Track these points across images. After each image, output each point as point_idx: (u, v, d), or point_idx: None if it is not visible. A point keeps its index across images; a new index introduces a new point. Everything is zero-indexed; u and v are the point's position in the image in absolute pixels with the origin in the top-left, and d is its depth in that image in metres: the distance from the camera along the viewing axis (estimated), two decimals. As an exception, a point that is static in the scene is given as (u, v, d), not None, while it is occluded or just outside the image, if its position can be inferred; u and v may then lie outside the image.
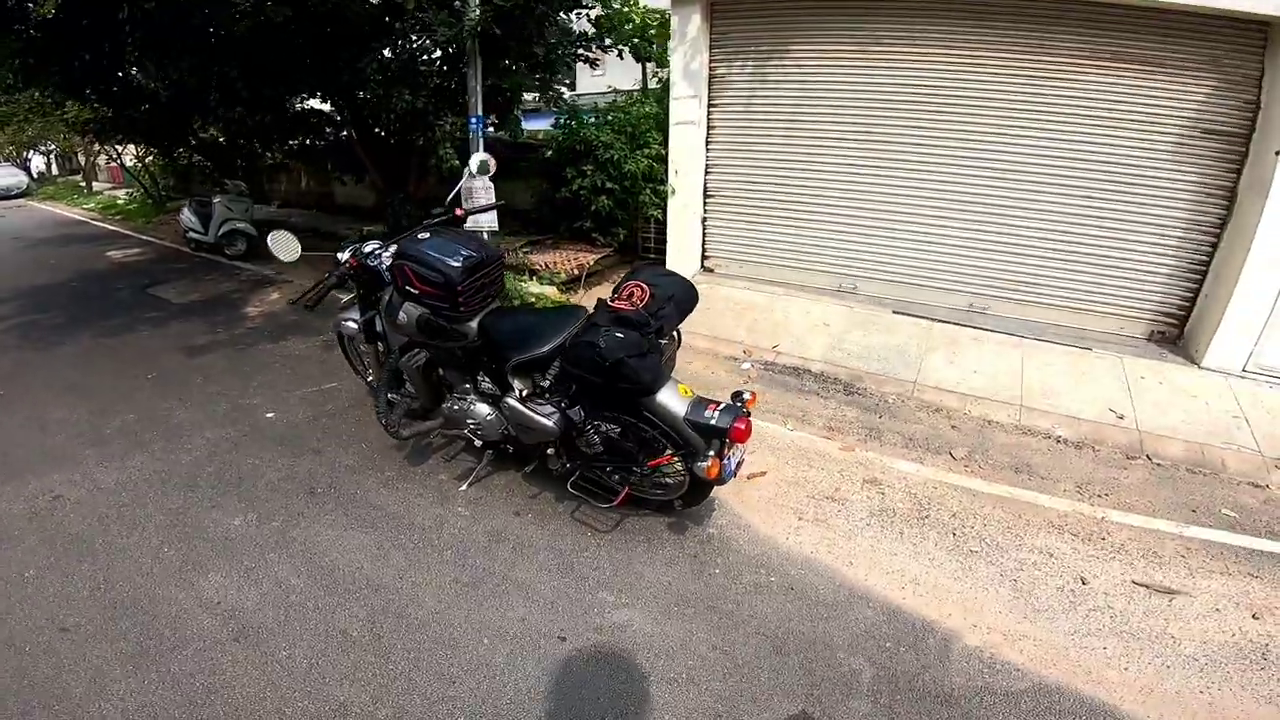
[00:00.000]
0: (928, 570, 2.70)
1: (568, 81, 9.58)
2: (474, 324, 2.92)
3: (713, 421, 2.53)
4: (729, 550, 2.77)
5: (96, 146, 15.41)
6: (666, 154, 5.90)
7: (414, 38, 4.84)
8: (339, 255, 3.21)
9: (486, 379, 3.00)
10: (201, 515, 3.03)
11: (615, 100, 6.93)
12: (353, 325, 3.42)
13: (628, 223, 6.30)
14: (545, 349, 2.74)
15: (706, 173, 5.87)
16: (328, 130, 8.09)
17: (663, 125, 5.92)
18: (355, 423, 3.84)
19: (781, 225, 5.77)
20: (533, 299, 5.58)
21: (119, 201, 15.82)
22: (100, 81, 6.95)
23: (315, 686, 2.15)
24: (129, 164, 15.10)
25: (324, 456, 3.52)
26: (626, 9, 5.95)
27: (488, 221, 5.70)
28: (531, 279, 6.07)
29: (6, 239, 12.58)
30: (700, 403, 2.61)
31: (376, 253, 3.15)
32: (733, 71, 5.58)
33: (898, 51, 5.01)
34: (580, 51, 6.84)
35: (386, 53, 5.53)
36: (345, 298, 4.04)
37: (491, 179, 5.20)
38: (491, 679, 2.17)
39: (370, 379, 3.85)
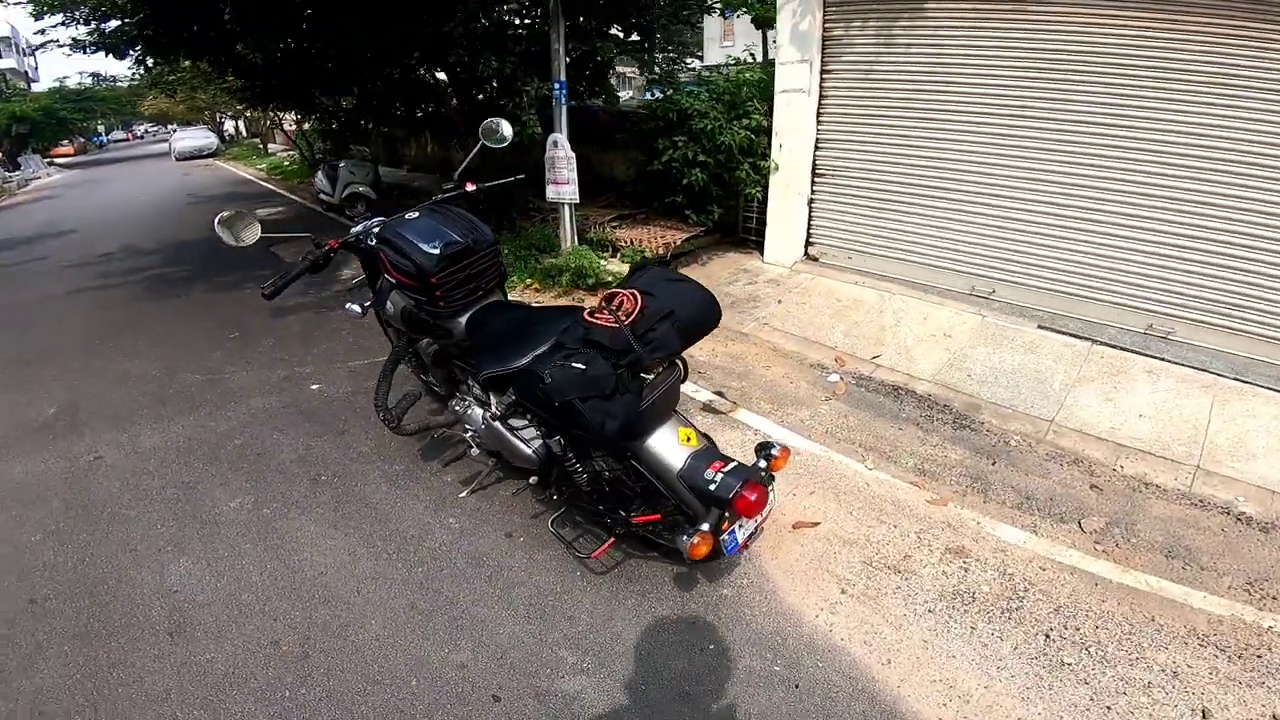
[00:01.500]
0: (989, 684, 2.09)
1: (699, 54, 9.12)
2: (461, 321, 2.60)
3: (711, 486, 2.02)
4: (738, 621, 2.32)
5: (264, 112, 17.22)
6: (770, 126, 5.30)
7: (500, 4, 4.65)
8: (353, 229, 2.86)
9: (477, 387, 2.70)
10: (206, 493, 3.08)
11: (725, 70, 6.38)
12: (357, 310, 2.98)
13: (723, 200, 5.80)
14: (515, 365, 2.27)
15: (816, 148, 5.21)
16: (446, 99, 8.27)
17: (768, 94, 5.32)
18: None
19: (904, 212, 4.99)
20: (610, 279, 5.29)
21: (284, 164, 17.64)
22: (212, 52, 7.52)
23: (218, 696, 2.06)
24: (288, 129, 16.74)
25: (344, 439, 3.48)
26: None
27: (570, 193, 5.47)
28: (614, 256, 5.78)
29: (182, 196, 14.45)
30: (703, 456, 2.11)
31: (370, 231, 2.76)
32: (851, 33, 4.84)
33: (1069, 10, 4.04)
34: (683, 13, 6.34)
35: (483, 20, 5.44)
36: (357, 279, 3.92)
37: (588, 150, 4.90)
38: (397, 732, 1.93)
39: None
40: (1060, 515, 2.92)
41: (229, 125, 31.97)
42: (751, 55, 6.60)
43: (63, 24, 8.53)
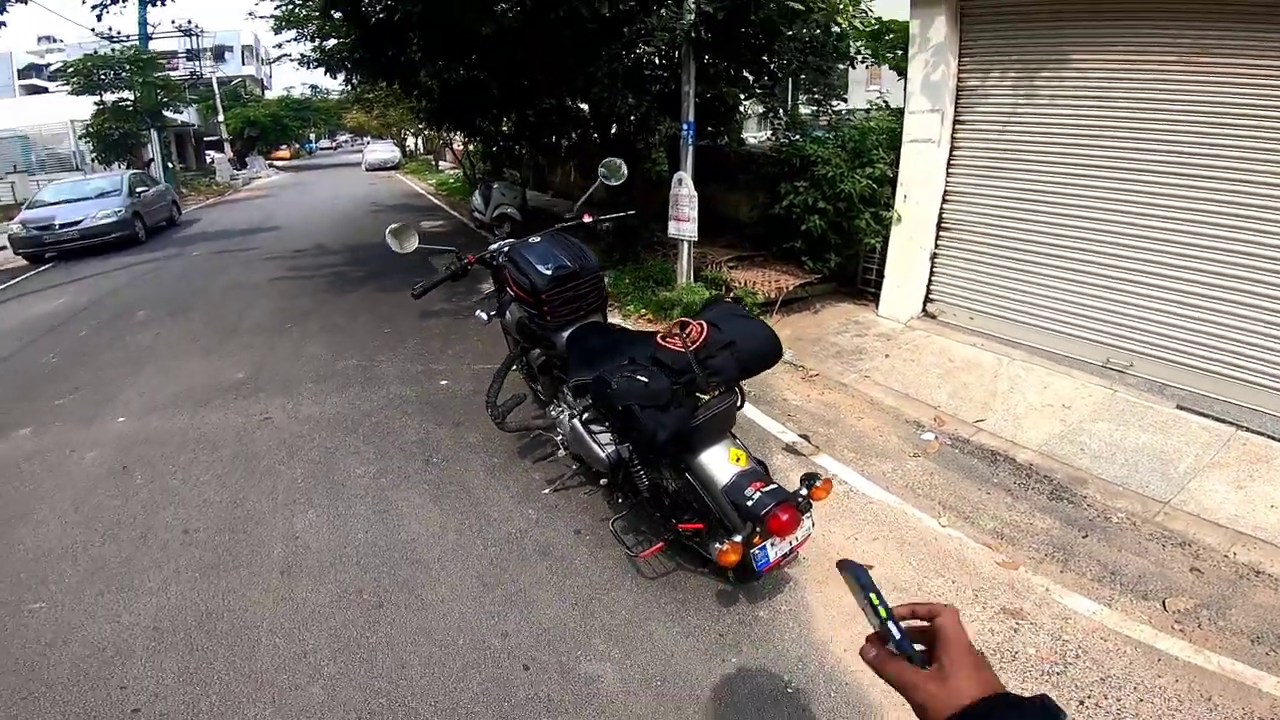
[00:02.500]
0: None
1: (844, 96, 9.28)
2: (564, 335, 3.04)
3: (749, 503, 2.26)
4: (764, 641, 2.50)
5: (438, 132, 19.42)
6: (895, 175, 5.38)
7: (641, 44, 5.19)
8: (490, 246, 3.50)
9: (570, 393, 3.11)
10: (341, 459, 3.75)
11: (866, 114, 6.49)
12: (484, 318, 3.60)
13: (842, 249, 5.89)
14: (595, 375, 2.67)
15: (944, 201, 5.19)
16: (589, 130, 9.07)
17: (895, 142, 5.40)
18: (501, 405, 4.33)
19: (1036, 273, 4.84)
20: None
21: (450, 181, 19.71)
22: (401, 76, 8.80)
23: (300, 629, 2.55)
24: (457, 148, 18.71)
25: (458, 431, 4.05)
26: (842, 13, 5.51)
27: (689, 231, 5.85)
28: (727, 295, 6.06)
29: (366, 204, 16.61)
30: (748, 475, 2.37)
31: (501, 250, 3.34)
32: (988, 84, 4.83)
33: (1235, 64, 3.83)
34: (811, 59, 6.57)
35: (625, 56, 6.04)
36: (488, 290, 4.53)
37: (713, 189, 5.29)
38: (436, 679, 2.32)
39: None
40: (1145, 593, 2.79)
41: (410, 141, 35.88)
42: (885, 102, 6.66)
43: (294, 40, 10.33)
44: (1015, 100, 4.77)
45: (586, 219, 3.49)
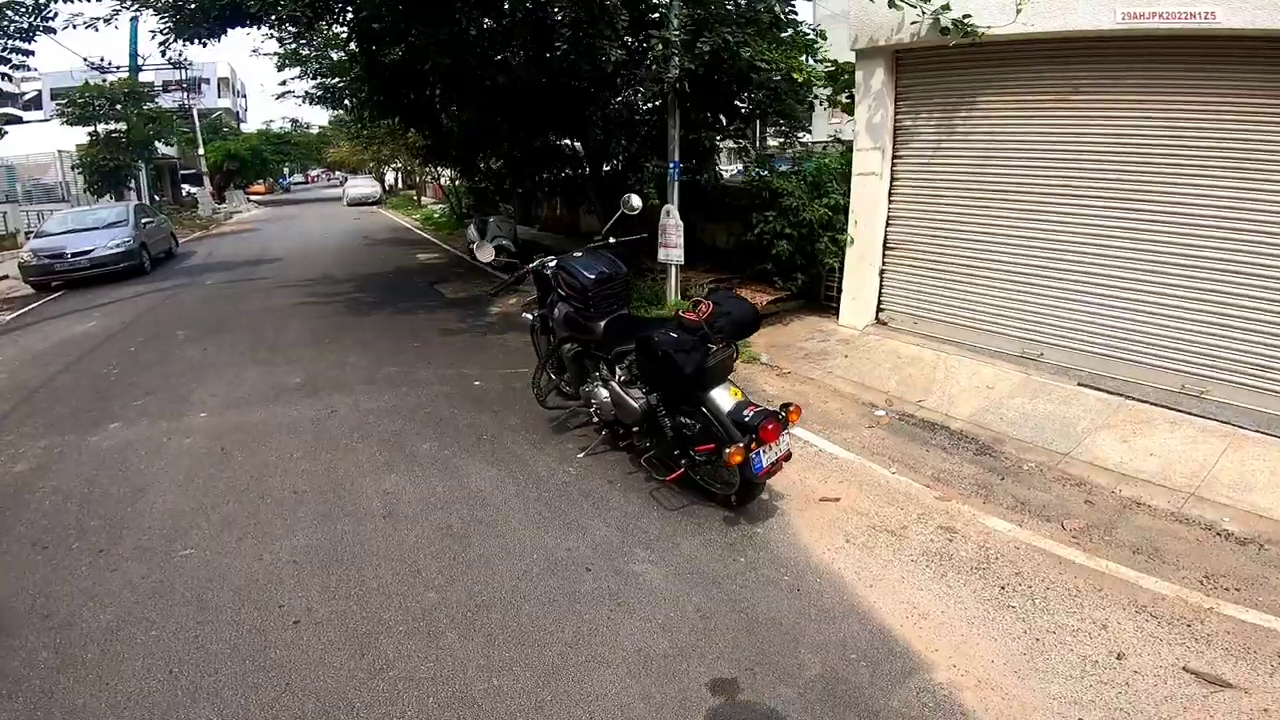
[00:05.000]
0: (945, 610, 2.87)
1: (809, 129, 10.36)
2: (602, 323, 3.93)
3: (746, 419, 3.17)
4: (763, 547, 3.29)
5: (425, 167, 20.18)
6: (848, 204, 6.32)
7: (629, 92, 6.09)
8: (529, 265, 4.46)
9: (605, 368, 3.97)
10: (407, 439, 4.47)
11: (816, 149, 7.48)
12: (530, 317, 4.74)
13: (808, 269, 6.79)
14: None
15: (888, 224, 6.15)
16: (578, 167, 9.97)
17: (846, 175, 6.36)
18: (529, 398, 4.91)
19: (964, 283, 5.80)
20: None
21: (435, 215, 20.41)
22: (421, 117, 9.62)
23: (409, 555, 3.24)
24: (444, 184, 19.46)
25: (499, 416, 4.80)
26: (799, 69, 6.49)
27: (676, 256, 6.72)
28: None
29: (359, 237, 17.22)
30: (743, 404, 3.28)
31: (550, 264, 4.33)
32: (918, 124, 5.83)
33: (1101, 99, 4.84)
34: (775, 106, 7.60)
35: (616, 102, 6.96)
36: (529, 298, 5.36)
37: (700, 221, 6.20)
38: (522, 581, 3.04)
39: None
40: (1048, 517, 3.60)
41: (389, 177, 36.13)
42: (838, 139, 7.64)
43: (299, 77, 11.06)
44: (938, 137, 5.75)
45: (612, 240, 4.33)
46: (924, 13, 5.12)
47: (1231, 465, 4.00)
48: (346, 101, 10.84)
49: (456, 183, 17.95)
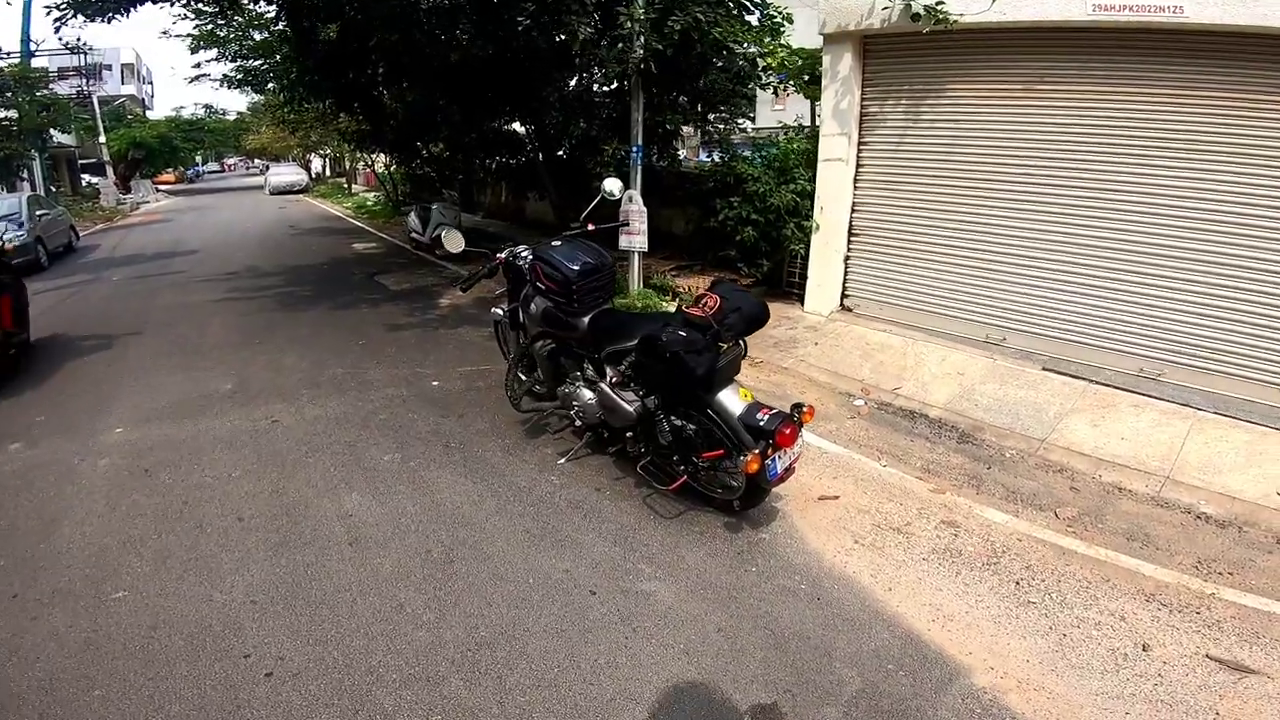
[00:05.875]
0: (968, 610, 2.74)
1: (751, 116, 10.16)
2: (585, 319, 3.54)
3: (761, 423, 2.89)
4: (773, 554, 3.05)
5: (358, 153, 19.04)
6: (813, 190, 6.16)
7: (591, 72, 5.69)
8: (498, 254, 4.03)
9: (590, 367, 3.61)
10: (364, 450, 3.97)
11: (775, 136, 7.30)
12: (500, 313, 4.25)
13: (772, 255, 6.62)
14: (631, 342, 3.27)
15: (853, 211, 6.03)
16: (525, 152, 9.46)
17: (813, 161, 6.19)
18: (496, 399, 4.60)
19: (928, 269, 5.74)
20: (671, 316, 6.14)
21: (368, 202, 19.30)
22: (359, 99, 8.89)
23: (388, 587, 2.83)
24: (379, 171, 18.41)
25: (464, 420, 4.36)
26: (773, 53, 6.31)
27: (639, 243, 6.39)
28: (674, 300, 6.63)
29: (285, 227, 16.04)
30: (755, 406, 2.99)
31: (523, 254, 3.92)
32: (885, 110, 5.72)
33: (1067, 89, 4.83)
34: (739, 88, 7.38)
35: (571, 84, 6.52)
36: (499, 290, 4.90)
37: (656, 207, 5.88)
38: (521, 611, 2.69)
39: (510, 358, 4.67)
40: (1040, 505, 3.56)
41: (315, 164, 34.19)
42: (802, 125, 7.48)
43: (215, 60, 10.07)
44: (905, 124, 5.65)
45: (590, 227, 3.95)
46: (893, -1, 4.98)
47: (1197, 447, 4.07)
48: (271, 85, 9.91)
49: (392, 169, 16.97)
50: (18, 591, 2.86)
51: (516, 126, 9.12)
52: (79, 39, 18.57)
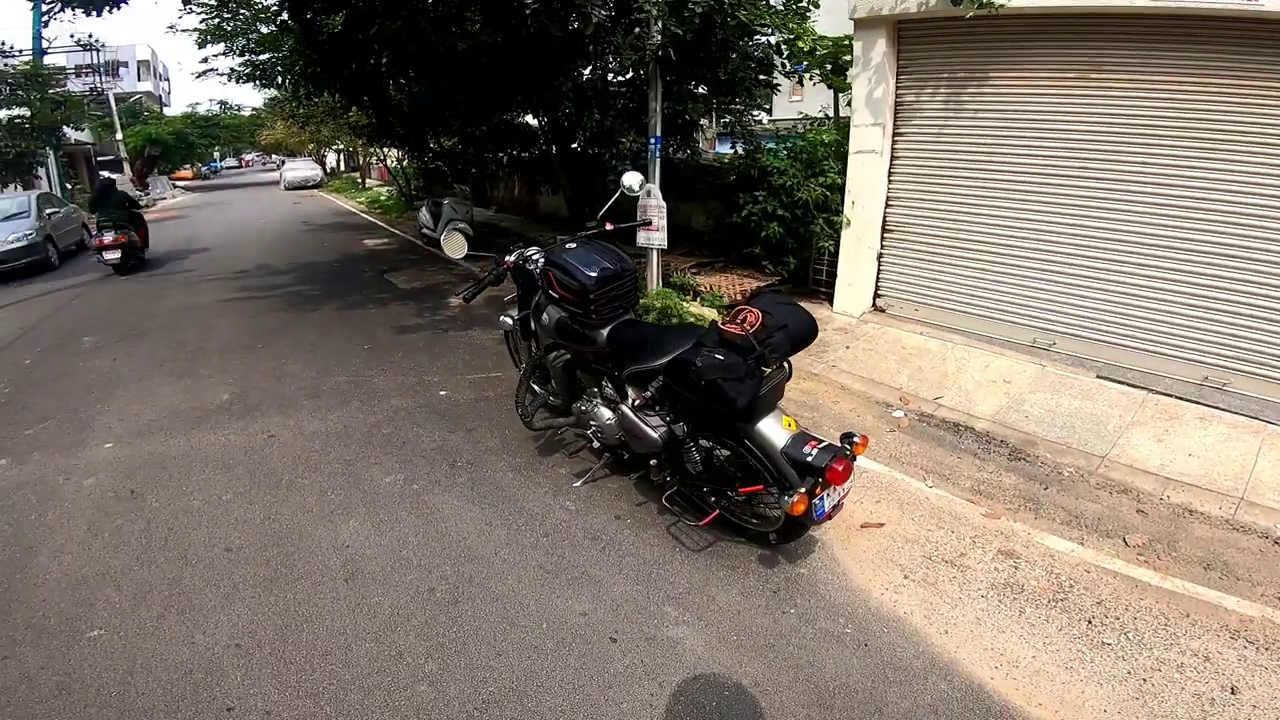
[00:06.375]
0: (1036, 654, 2.44)
1: (766, 107, 9.75)
2: (604, 332, 3.20)
3: (809, 458, 2.56)
4: (813, 593, 2.74)
5: (370, 148, 18.86)
6: (844, 184, 5.79)
7: (606, 60, 5.36)
8: (506, 257, 3.70)
9: (609, 385, 3.28)
10: (364, 469, 3.70)
11: (797, 127, 6.93)
12: (510, 321, 3.91)
13: (799, 252, 6.26)
14: (658, 362, 2.92)
15: (887, 205, 5.66)
16: (537, 145, 9.14)
17: (842, 153, 5.83)
18: (506, 411, 4.33)
19: (969, 268, 5.36)
20: (691, 319, 5.81)
21: (381, 197, 19.13)
22: (366, 92, 8.61)
23: (386, 632, 2.55)
24: (391, 165, 18.21)
25: (473, 435, 4.07)
26: (802, 37, 5.93)
27: (659, 240, 6.06)
28: (694, 299, 6.31)
29: (298, 222, 15.91)
30: (801, 438, 2.65)
31: (534, 258, 3.59)
32: (922, 99, 5.33)
33: (1126, 79, 4.43)
34: (762, 77, 7.00)
35: (587, 73, 6.18)
36: (508, 297, 4.62)
37: (674, 201, 5.52)
38: (534, 661, 2.40)
39: (522, 369, 4.36)
40: (1106, 532, 3.22)
41: (331, 159, 34.14)
42: (827, 116, 7.11)
43: (222, 54, 9.86)
44: (946, 114, 5.27)
45: (609, 226, 3.63)
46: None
47: (1270, 465, 3.71)
48: (279, 78, 9.67)
49: (404, 164, 16.75)
50: (-14, 629, 2.63)
51: (529, 119, 8.80)
52: (90, 35, 18.59)
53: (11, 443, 4.27)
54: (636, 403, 3.05)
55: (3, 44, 15.45)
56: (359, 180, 26.64)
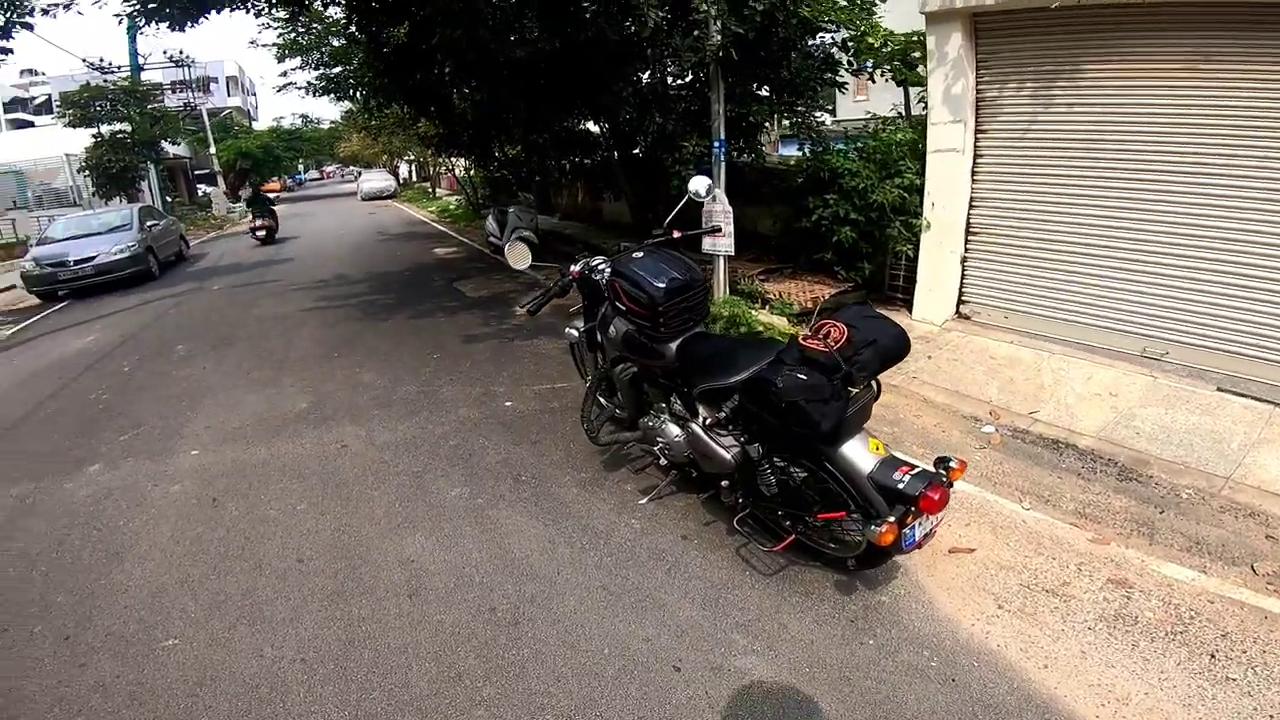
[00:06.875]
0: (1150, 691, 2.19)
1: (829, 108, 9.44)
2: (673, 345, 3.08)
3: (900, 485, 2.38)
4: (895, 623, 2.55)
5: (439, 158, 19.49)
6: (921, 184, 5.50)
7: (665, 63, 5.29)
8: (571, 267, 3.65)
9: (678, 401, 3.16)
10: (431, 481, 3.73)
11: (867, 127, 6.65)
12: (575, 333, 3.86)
13: (873, 257, 5.99)
14: (732, 380, 2.78)
15: (971, 206, 5.32)
16: (598, 151, 9.15)
17: (919, 153, 5.53)
18: (572, 423, 4.28)
19: (1066, 271, 4.97)
20: (760, 328, 5.64)
21: (450, 207, 19.71)
22: (432, 102, 8.85)
23: (446, 651, 2.52)
24: (459, 175, 18.75)
25: (538, 448, 4.05)
26: (871, 33, 5.66)
27: (725, 246, 5.92)
28: (763, 308, 6.13)
29: (373, 233, 16.58)
30: (891, 463, 2.48)
31: (600, 267, 3.52)
32: (1005, 94, 4.99)
33: (1242, 69, 4.01)
34: (828, 75, 6.75)
35: (643, 77, 6.11)
36: (573, 308, 4.59)
37: (739, 205, 5.38)
38: (594, 689, 2.32)
39: (588, 383, 4.31)
40: (1231, 559, 2.90)
41: (403, 169, 35.47)
42: (899, 114, 6.80)
43: (299, 68, 10.37)
44: (1034, 109, 4.91)
45: (676, 235, 3.54)
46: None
47: None
48: (351, 90, 10.11)
49: (471, 173, 17.22)
50: (70, 633, 2.77)
51: (590, 125, 8.83)
52: (181, 52, 20.00)
53: (106, 448, 4.55)
54: (708, 421, 2.92)
55: (103, 61, 16.60)
56: (429, 190, 27.58)
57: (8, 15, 7.89)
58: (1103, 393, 4.38)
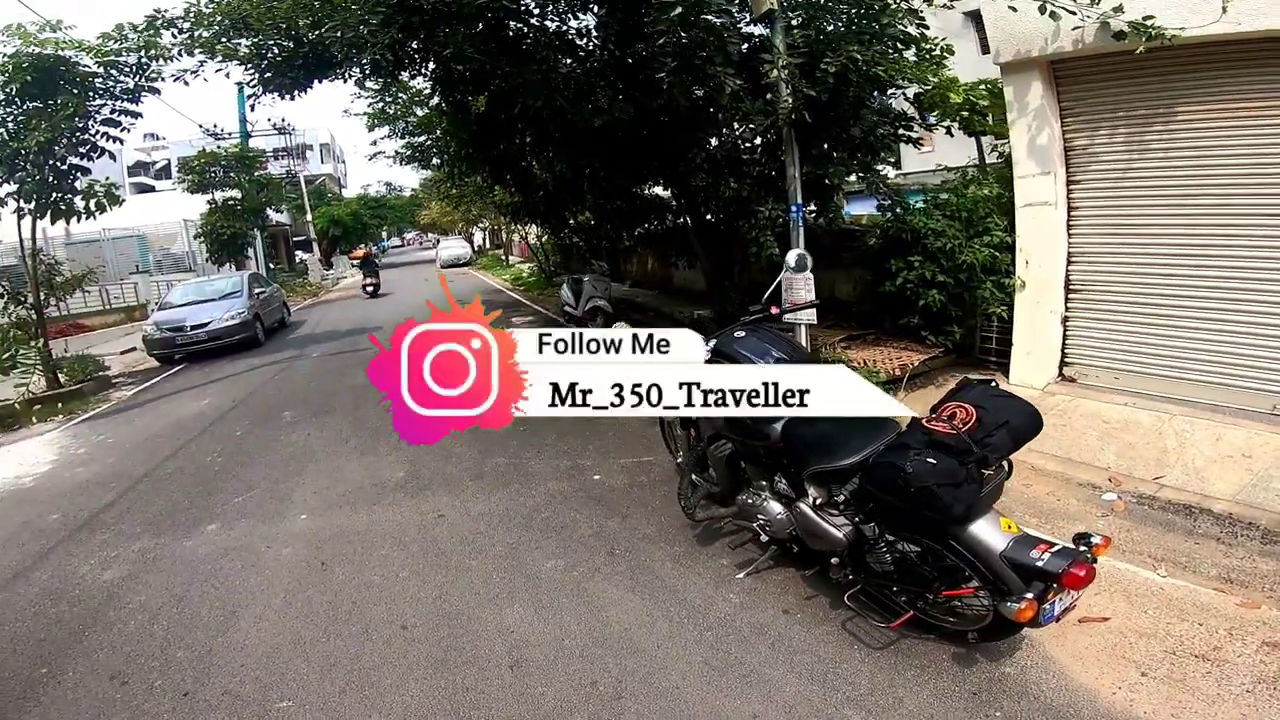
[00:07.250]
0: None
1: (892, 160, 9.43)
2: (779, 425, 3.06)
3: (1040, 564, 2.30)
4: (1024, 695, 2.42)
5: (513, 225, 20.33)
6: (1012, 241, 5.39)
7: (735, 126, 5.44)
8: None
9: (783, 480, 3.15)
10: (526, 553, 3.81)
11: (944, 180, 6.60)
12: None
13: (962, 320, 5.84)
14: (847, 462, 2.77)
15: (1069, 262, 5.16)
16: (668, 217, 9.41)
17: (1006, 208, 5.44)
18: (661, 497, 4.32)
19: (1180, 326, 4.72)
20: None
21: (524, 274, 20.49)
22: (510, 170, 9.34)
23: None
24: (532, 242, 19.51)
25: (628, 522, 4.09)
26: (942, 87, 5.67)
27: (807, 316, 5.91)
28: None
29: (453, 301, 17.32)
30: (1026, 541, 2.41)
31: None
32: (1096, 142, 4.90)
33: None
34: (901, 131, 6.78)
35: (714, 142, 6.28)
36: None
37: (813, 269, 5.38)
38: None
39: (680, 460, 4.27)
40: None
41: (477, 237, 37.03)
42: (973, 164, 6.74)
43: (387, 136, 11.14)
44: (1129, 155, 4.80)
45: (774, 310, 3.60)
46: (1087, 18, 4.34)
47: None
48: (435, 159, 10.85)
49: (544, 240, 17.93)
50: (190, 689, 2.92)
51: (660, 190, 9.12)
52: (283, 119, 21.24)
53: (222, 509, 4.87)
54: (818, 501, 2.90)
55: (215, 126, 17.51)
56: (503, 257, 28.73)
57: (137, 80, 8.81)
58: (1234, 454, 4.09)
